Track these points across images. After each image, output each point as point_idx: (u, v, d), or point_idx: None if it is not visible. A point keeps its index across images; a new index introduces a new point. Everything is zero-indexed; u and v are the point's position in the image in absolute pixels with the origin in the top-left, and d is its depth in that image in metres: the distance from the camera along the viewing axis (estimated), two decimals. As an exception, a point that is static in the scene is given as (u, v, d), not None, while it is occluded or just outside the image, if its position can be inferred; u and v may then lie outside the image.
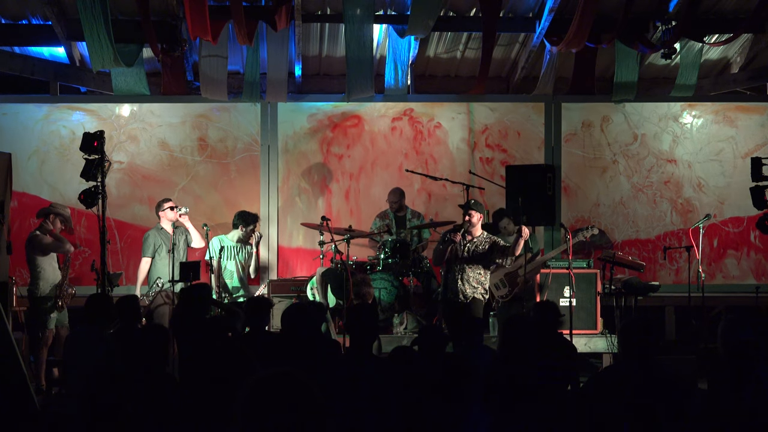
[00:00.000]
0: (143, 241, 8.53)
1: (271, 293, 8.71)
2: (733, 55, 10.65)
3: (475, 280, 7.50)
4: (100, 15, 8.09)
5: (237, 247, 8.64)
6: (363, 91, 9.45)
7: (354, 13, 8.82)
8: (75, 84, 10.03)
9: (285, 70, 9.45)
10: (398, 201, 9.19)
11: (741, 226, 10.09)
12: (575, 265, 8.23)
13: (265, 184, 9.83)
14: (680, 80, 9.99)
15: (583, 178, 10.10)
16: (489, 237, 7.61)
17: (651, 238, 10.07)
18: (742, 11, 9.56)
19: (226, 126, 9.87)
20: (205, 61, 9.34)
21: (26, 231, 8.78)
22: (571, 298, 8.08)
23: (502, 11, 9.41)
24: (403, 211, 9.24)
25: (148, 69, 9.89)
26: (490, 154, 10.05)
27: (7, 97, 9.72)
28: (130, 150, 9.75)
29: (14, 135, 9.58)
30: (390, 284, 8.36)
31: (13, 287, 8.15)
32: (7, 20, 9.51)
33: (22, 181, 9.45)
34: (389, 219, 9.18)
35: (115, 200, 9.46)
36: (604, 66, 10.40)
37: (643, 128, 10.13)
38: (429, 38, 9.91)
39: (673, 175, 10.11)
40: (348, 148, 9.99)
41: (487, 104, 10.07)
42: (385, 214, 9.28)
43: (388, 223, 9.14)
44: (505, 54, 10.48)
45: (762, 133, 10.16)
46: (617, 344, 4.85)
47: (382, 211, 9.35)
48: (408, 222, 9.17)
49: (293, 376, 2.27)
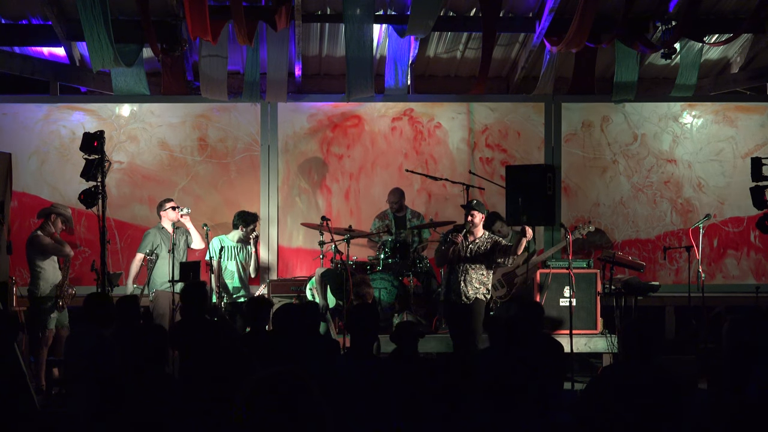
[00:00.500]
0: (143, 237, 8.54)
1: (271, 293, 8.71)
2: (733, 55, 10.65)
3: (478, 280, 7.50)
4: (100, 15, 8.09)
5: (237, 247, 8.64)
6: (363, 91, 9.45)
7: (354, 13, 8.82)
8: (75, 84, 10.03)
9: (285, 70, 9.45)
10: (398, 201, 9.18)
11: (741, 226, 10.09)
12: (575, 265, 8.23)
13: (265, 184, 9.83)
14: (680, 80, 9.98)
15: (583, 178, 10.10)
16: (491, 237, 7.61)
17: (651, 238, 10.07)
18: (742, 11, 9.56)
19: (226, 126, 9.87)
20: (205, 61, 9.34)
21: (26, 231, 8.78)
22: (571, 298, 8.09)
23: (502, 11, 9.41)
24: (402, 211, 9.24)
25: (148, 69, 9.89)
26: (490, 154, 10.05)
27: (7, 97, 9.72)
28: (130, 150, 9.75)
29: (14, 135, 9.58)
30: (390, 284, 8.37)
31: (13, 287, 8.14)
32: (7, 20, 9.51)
33: (22, 181, 9.46)
34: (389, 219, 9.18)
35: (115, 200, 9.46)
36: (604, 66, 10.40)
37: (643, 128, 10.13)
38: (429, 38, 9.90)
39: (673, 175, 10.11)
40: (348, 148, 9.99)
41: (487, 104, 10.07)
42: (384, 215, 9.28)
43: (387, 223, 9.14)
44: (505, 54, 10.48)
45: (762, 133, 10.16)
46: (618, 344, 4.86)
47: (382, 212, 9.35)
48: (408, 222, 9.16)
49: (293, 376, 2.27)
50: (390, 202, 9.24)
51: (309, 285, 8.40)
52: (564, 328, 7.93)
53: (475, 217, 7.50)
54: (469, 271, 7.49)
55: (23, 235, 8.59)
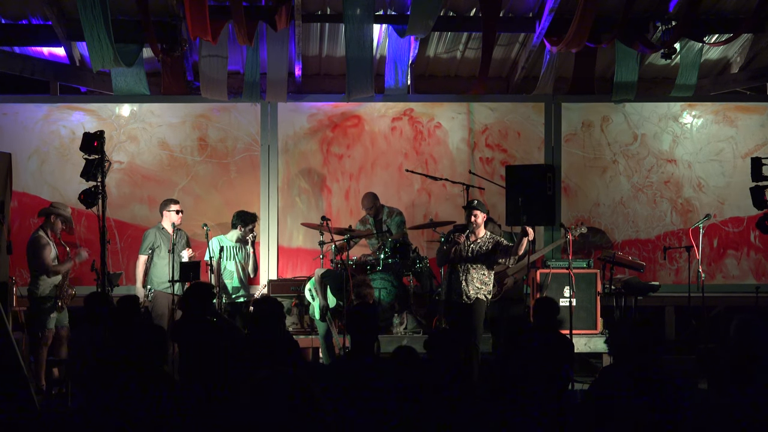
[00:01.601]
0: (143, 238, 8.55)
1: (271, 293, 8.71)
2: (733, 55, 10.65)
3: (479, 280, 7.50)
4: (100, 15, 8.08)
5: (236, 247, 8.64)
6: (363, 91, 9.45)
7: (354, 13, 8.81)
8: (75, 84, 10.03)
9: (285, 70, 9.45)
10: (372, 206, 9.04)
11: (741, 226, 10.09)
12: (575, 265, 8.23)
13: (265, 184, 9.83)
14: (680, 80, 9.98)
15: (583, 178, 10.10)
16: (492, 237, 7.61)
17: (651, 238, 10.07)
18: (742, 11, 9.56)
19: (226, 126, 9.87)
20: (205, 61, 9.34)
21: (26, 231, 8.79)
22: (571, 298, 8.09)
23: (502, 11, 9.41)
24: (380, 214, 9.14)
25: (148, 69, 9.89)
26: (490, 154, 10.05)
27: (7, 97, 9.72)
28: (130, 150, 9.75)
29: (14, 135, 9.58)
30: (390, 284, 8.36)
31: (13, 287, 8.14)
32: (7, 20, 9.51)
33: (22, 181, 9.46)
34: (369, 224, 9.13)
35: (115, 200, 9.46)
36: (604, 66, 10.40)
37: (643, 128, 10.13)
38: (429, 38, 9.90)
39: (673, 175, 10.11)
40: (348, 148, 9.99)
41: (487, 104, 10.07)
42: (365, 219, 9.23)
43: (368, 227, 9.09)
44: (505, 54, 10.48)
45: (762, 133, 10.16)
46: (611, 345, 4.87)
47: (363, 217, 9.30)
48: (383, 224, 9.04)
49: (292, 377, 2.28)
50: (366, 208, 9.14)
51: (308, 286, 8.39)
52: (564, 328, 7.93)
53: (478, 217, 7.52)
54: (470, 271, 7.49)
55: (23, 235, 8.60)
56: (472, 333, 7.37)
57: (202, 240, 8.73)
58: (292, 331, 8.36)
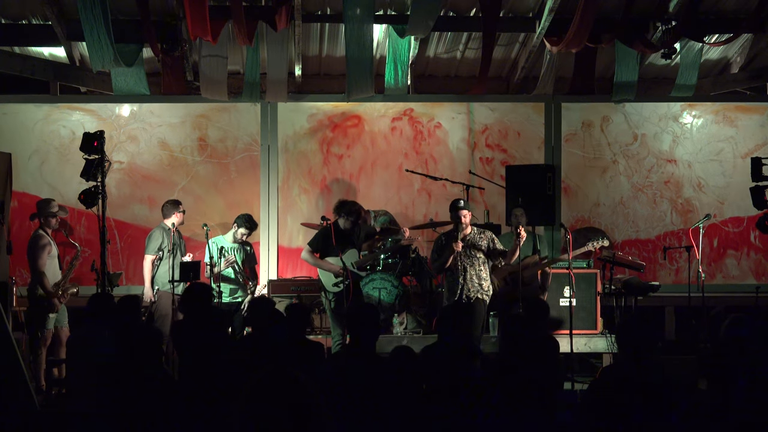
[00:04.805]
0: (148, 238, 8.39)
1: (271, 293, 8.71)
2: (733, 55, 10.65)
3: (477, 276, 7.46)
4: (100, 15, 8.09)
5: (236, 247, 8.63)
6: (363, 91, 9.45)
7: (354, 13, 8.81)
8: (75, 84, 10.03)
9: (285, 70, 9.45)
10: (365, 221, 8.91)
11: (741, 226, 10.09)
12: (575, 265, 8.22)
13: (265, 184, 9.82)
14: (680, 80, 9.98)
15: (583, 178, 10.10)
16: (481, 231, 7.57)
17: (651, 238, 10.07)
18: (742, 11, 9.56)
19: (226, 126, 9.88)
20: (205, 61, 9.34)
21: (26, 231, 8.79)
22: (571, 298, 8.08)
23: (502, 11, 9.41)
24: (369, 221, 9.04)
25: (148, 69, 9.88)
26: (490, 154, 10.05)
27: (7, 97, 9.72)
28: (130, 150, 9.75)
29: (14, 135, 9.58)
30: (390, 284, 8.36)
31: (13, 287, 8.14)
32: (7, 20, 9.51)
33: (22, 181, 9.46)
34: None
35: (115, 200, 9.46)
36: (604, 66, 10.40)
37: (643, 128, 10.13)
38: (429, 38, 9.90)
39: (673, 175, 10.11)
40: (348, 148, 9.99)
41: (487, 104, 10.07)
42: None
43: None
44: (505, 54, 10.48)
45: (762, 133, 10.17)
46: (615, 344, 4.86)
47: None
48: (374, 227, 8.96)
49: (292, 377, 2.27)
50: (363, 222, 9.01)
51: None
52: (564, 328, 7.93)
53: (466, 217, 7.46)
54: (467, 269, 7.47)
55: (23, 235, 8.60)
56: (471, 333, 7.35)
57: (202, 240, 8.70)
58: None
